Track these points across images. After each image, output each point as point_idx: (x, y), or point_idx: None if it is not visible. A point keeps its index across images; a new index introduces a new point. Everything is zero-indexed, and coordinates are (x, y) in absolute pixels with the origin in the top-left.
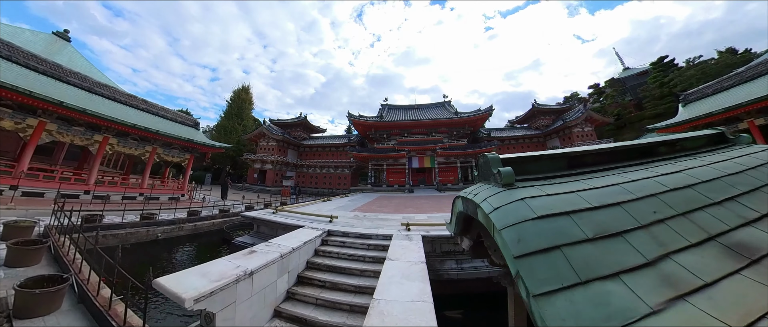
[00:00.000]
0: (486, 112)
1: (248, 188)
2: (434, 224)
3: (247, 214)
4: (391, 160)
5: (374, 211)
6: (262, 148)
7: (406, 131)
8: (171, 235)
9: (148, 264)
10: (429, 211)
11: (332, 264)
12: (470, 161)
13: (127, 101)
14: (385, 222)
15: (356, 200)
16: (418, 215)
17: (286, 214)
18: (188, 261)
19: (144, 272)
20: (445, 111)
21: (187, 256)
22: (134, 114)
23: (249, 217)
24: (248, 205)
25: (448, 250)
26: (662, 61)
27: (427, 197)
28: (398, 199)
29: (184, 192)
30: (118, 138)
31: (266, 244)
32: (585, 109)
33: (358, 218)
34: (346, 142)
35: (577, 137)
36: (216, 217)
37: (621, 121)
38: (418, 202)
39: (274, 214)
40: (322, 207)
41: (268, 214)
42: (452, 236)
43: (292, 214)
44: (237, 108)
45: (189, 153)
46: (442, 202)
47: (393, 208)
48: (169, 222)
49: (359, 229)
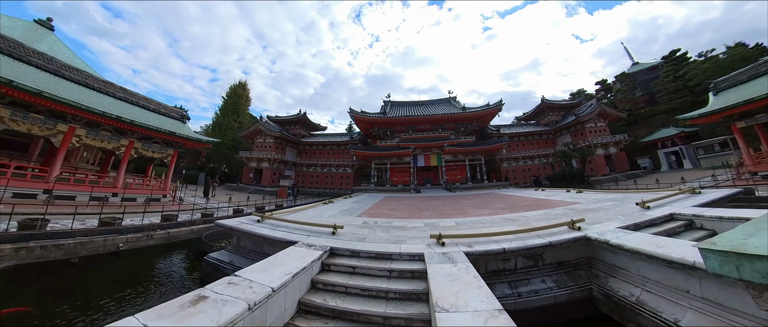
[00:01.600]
0: (495, 106)
1: (243, 188)
2: (473, 235)
3: (224, 223)
4: (395, 158)
5: (386, 216)
6: (259, 145)
7: (410, 128)
8: (136, 245)
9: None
10: (452, 215)
11: (337, 307)
12: (479, 159)
13: (101, 88)
14: (404, 231)
15: (361, 202)
16: (442, 221)
17: (275, 224)
18: (115, 286)
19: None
20: (451, 107)
21: (125, 278)
22: (108, 102)
23: (225, 226)
24: (236, 207)
25: (498, 269)
26: (674, 54)
27: (439, 198)
28: (407, 200)
29: (167, 192)
30: (87, 129)
31: (229, 283)
32: (598, 103)
33: (368, 226)
34: (348, 140)
35: (590, 132)
36: (196, 223)
37: (633, 116)
38: (432, 203)
39: (259, 224)
40: (323, 211)
41: (251, 224)
42: (502, 252)
43: (282, 224)
44: (233, 104)
45: (172, 148)
46: (460, 204)
47: (406, 211)
48: (134, 229)
49: (373, 244)
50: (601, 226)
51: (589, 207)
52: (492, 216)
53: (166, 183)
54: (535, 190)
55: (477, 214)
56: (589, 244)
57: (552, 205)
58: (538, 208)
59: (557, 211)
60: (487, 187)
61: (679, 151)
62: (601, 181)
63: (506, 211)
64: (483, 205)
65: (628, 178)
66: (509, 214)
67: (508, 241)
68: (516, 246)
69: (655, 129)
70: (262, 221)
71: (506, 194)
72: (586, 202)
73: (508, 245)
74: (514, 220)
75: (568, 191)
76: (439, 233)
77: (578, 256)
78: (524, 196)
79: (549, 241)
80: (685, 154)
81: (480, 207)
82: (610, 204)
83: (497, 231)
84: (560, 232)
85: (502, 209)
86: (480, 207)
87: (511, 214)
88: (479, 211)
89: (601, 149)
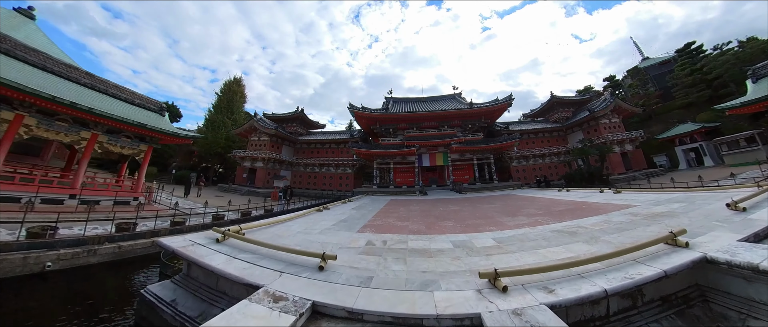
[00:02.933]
0: (505, 101)
1: (235, 189)
2: (541, 268)
3: (165, 244)
4: (398, 157)
5: (396, 230)
6: (253, 144)
7: (414, 125)
8: (74, 262)
9: None
10: (482, 227)
11: None
12: (488, 158)
13: (61, 72)
14: (430, 260)
15: (363, 207)
16: (475, 237)
17: (239, 247)
18: None
19: None
20: (457, 103)
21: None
22: (69, 88)
23: (166, 248)
24: (216, 213)
25: (584, 319)
26: (689, 47)
27: (452, 201)
28: (416, 204)
29: (139, 194)
30: (39, 118)
31: None
32: (613, 98)
33: (375, 252)
34: (348, 137)
35: (605, 129)
36: (160, 233)
37: (646, 112)
38: (447, 208)
39: (217, 246)
40: (314, 223)
41: (205, 247)
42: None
43: (250, 247)
44: (227, 101)
45: (146, 143)
46: (480, 209)
47: (420, 221)
48: (72, 241)
49: (387, 293)
50: (708, 240)
51: (655, 210)
52: (536, 227)
53: (138, 183)
54: (557, 191)
55: (513, 224)
56: (703, 268)
57: (600, 209)
58: (589, 214)
59: (619, 217)
60: (498, 187)
61: (699, 147)
62: (620, 179)
63: (547, 218)
64: (510, 210)
65: (646, 177)
66: (558, 225)
67: (600, 273)
68: (619, 285)
69: (670, 125)
70: (224, 240)
71: (527, 196)
72: (642, 204)
73: (609, 285)
74: (572, 233)
75: (602, 191)
76: (494, 270)
77: (683, 286)
78: (554, 198)
79: (663, 271)
80: (706, 150)
81: (508, 213)
82: (678, 207)
83: (573, 258)
84: (662, 254)
85: (539, 216)
86: (508, 213)
87: (559, 223)
88: (513, 221)
89: (616, 146)
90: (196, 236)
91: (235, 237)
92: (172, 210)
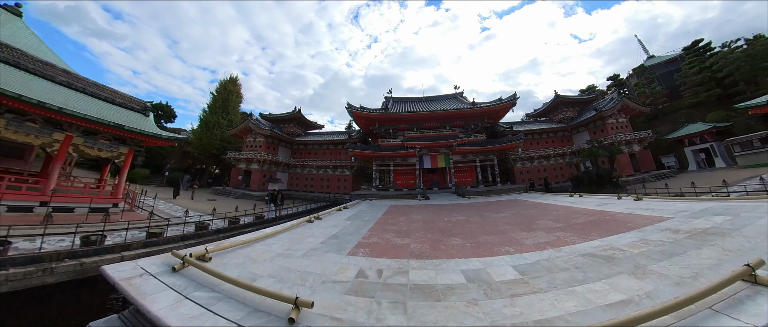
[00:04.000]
0: (509, 101)
1: (229, 192)
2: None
3: (109, 275)
4: (399, 159)
5: (395, 253)
6: (248, 145)
7: (414, 125)
8: (27, 283)
9: None
10: (496, 248)
11: None
12: (491, 159)
13: (35, 69)
14: (439, 307)
15: (359, 217)
16: (491, 264)
17: (195, 282)
18: None
19: None
20: (458, 102)
21: None
22: (41, 86)
23: (110, 281)
24: (200, 223)
25: None
26: (696, 45)
27: (456, 207)
28: (418, 211)
29: (118, 200)
30: (8, 118)
31: None
32: (620, 97)
33: (366, 292)
34: (346, 138)
35: (612, 129)
36: (132, 247)
37: (653, 111)
38: (452, 218)
39: (171, 279)
40: (299, 240)
41: (158, 279)
42: None
43: (211, 281)
44: (222, 101)
45: (126, 145)
46: (490, 220)
47: (424, 238)
48: (26, 259)
49: None
50: None
51: (696, 226)
52: (560, 248)
53: (118, 188)
54: (569, 196)
55: (532, 244)
56: None
57: (629, 223)
58: (617, 229)
59: (656, 235)
60: (503, 191)
61: (710, 148)
62: (629, 182)
63: (570, 234)
64: (523, 222)
65: (656, 179)
66: (586, 245)
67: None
68: None
69: (677, 125)
70: (182, 269)
71: (537, 202)
72: (677, 217)
73: None
74: (609, 259)
75: (620, 198)
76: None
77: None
78: (568, 207)
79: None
80: (717, 151)
81: (522, 226)
82: (722, 221)
83: (629, 305)
84: (743, 296)
85: (560, 231)
86: (522, 226)
87: (586, 242)
88: (531, 238)
89: (624, 147)
90: (151, 262)
91: (195, 265)
92: (160, 217)
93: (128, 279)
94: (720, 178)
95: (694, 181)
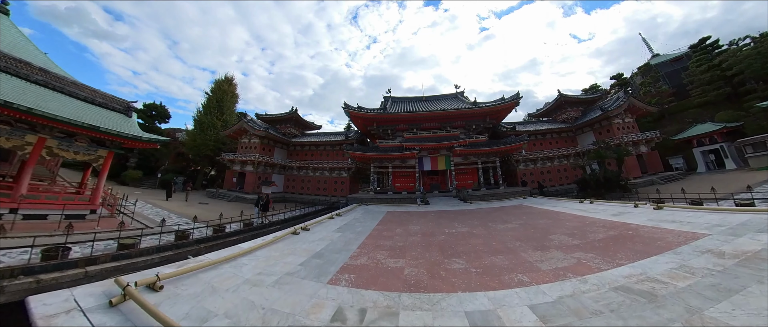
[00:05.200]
0: (512, 100)
1: (223, 195)
2: None
3: (31, 310)
4: (397, 161)
5: (385, 282)
6: (243, 146)
7: (414, 126)
8: None
9: None
10: (507, 277)
11: None
12: (494, 161)
13: (8, 68)
14: None
15: (351, 227)
16: (503, 304)
17: (137, 320)
18: None
19: None
20: (459, 102)
21: None
22: (14, 85)
23: (31, 318)
24: (181, 231)
25: None
26: (704, 43)
27: (458, 215)
28: (416, 220)
29: (96, 206)
30: None
31: None
32: (627, 96)
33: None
34: (343, 139)
35: (618, 129)
36: (99, 260)
37: (659, 111)
38: (453, 231)
39: (103, 320)
40: (276, 261)
41: (85, 317)
42: None
43: (149, 324)
44: (216, 101)
45: (105, 148)
46: (495, 232)
47: (421, 258)
48: None
49: None
50: None
51: (742, 246)
52: (585, 277)
53: (96, 193)
54: (579, 202)
55: (550, 270)
56: None
57: (657, 239)
58: (647, 250)
59: (698, 260)
60: (506, 194)
61: (720, 149)
62: (637, 184)
63: (593, 255)
64: (534, 236)
65: (666, 181)
66: (615, 272)
67: None
68: None
69: (685, 124)
70: (120, 303)
71: (545, 209)
72: (714, 233)
73: None
74: (651, 296)
75: (637, 206)
76: None
77: None
78: (581, 216)
79: None
80: (727, 152)
81: (534, 242)
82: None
83: None
84: None
85: (579, 251)
86: (534, 242)
87: (615, 269)
88: (546, 260)
89: (631, 148)
90: (89, 292)
91: (137, 301)
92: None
93: (50, 317)
94: (732, 181)
95: (710, 185)
